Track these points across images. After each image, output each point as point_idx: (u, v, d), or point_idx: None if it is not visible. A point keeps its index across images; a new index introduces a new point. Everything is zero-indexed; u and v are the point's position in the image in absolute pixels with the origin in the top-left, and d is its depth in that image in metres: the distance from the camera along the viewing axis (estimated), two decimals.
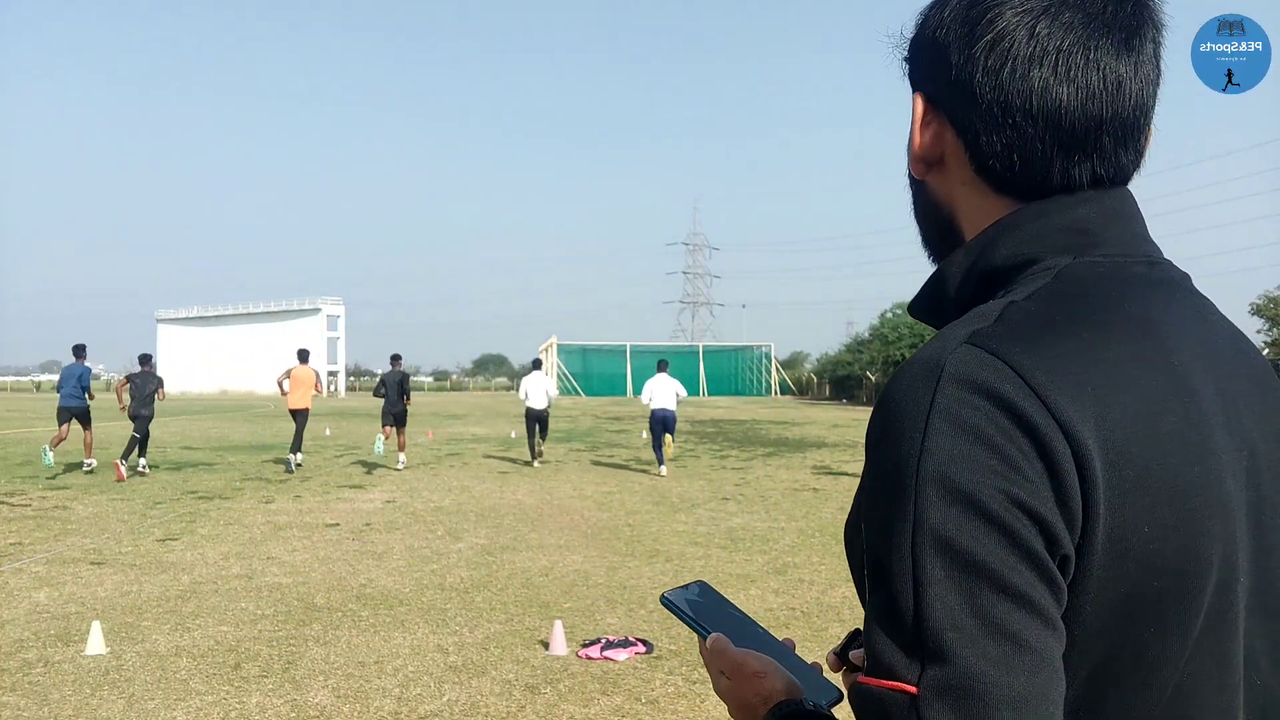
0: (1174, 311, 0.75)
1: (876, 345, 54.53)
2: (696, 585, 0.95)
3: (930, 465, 0.64)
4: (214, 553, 8.22)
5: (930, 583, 0.62)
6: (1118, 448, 0.65)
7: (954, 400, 0.65)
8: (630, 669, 5.10)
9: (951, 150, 0.80)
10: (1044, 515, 0.63)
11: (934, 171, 0.83)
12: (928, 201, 0.86)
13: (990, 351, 0.67)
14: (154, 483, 13.42)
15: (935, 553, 0.62)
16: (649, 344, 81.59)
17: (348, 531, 9.37)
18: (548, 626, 5.68)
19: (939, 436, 0.64)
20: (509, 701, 4.61)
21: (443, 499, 11.84)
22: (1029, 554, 0.62)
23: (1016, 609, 0.61)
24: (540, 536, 9.11)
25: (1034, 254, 0.75)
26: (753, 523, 10.00)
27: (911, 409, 0.66)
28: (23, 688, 4.78)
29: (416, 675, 4.99)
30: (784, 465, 16.48)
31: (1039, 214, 0.76)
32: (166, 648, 5.45)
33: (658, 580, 7.21)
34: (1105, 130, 0.75)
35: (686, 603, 0.91)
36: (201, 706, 4.54)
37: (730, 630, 0.85)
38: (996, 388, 0.65)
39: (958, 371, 0.66)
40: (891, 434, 0.67)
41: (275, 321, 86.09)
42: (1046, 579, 0.63)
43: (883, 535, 0.66)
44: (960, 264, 0.79)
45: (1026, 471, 0.63)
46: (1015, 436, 0.64)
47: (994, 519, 0.62)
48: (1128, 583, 0.65)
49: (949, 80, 0.78)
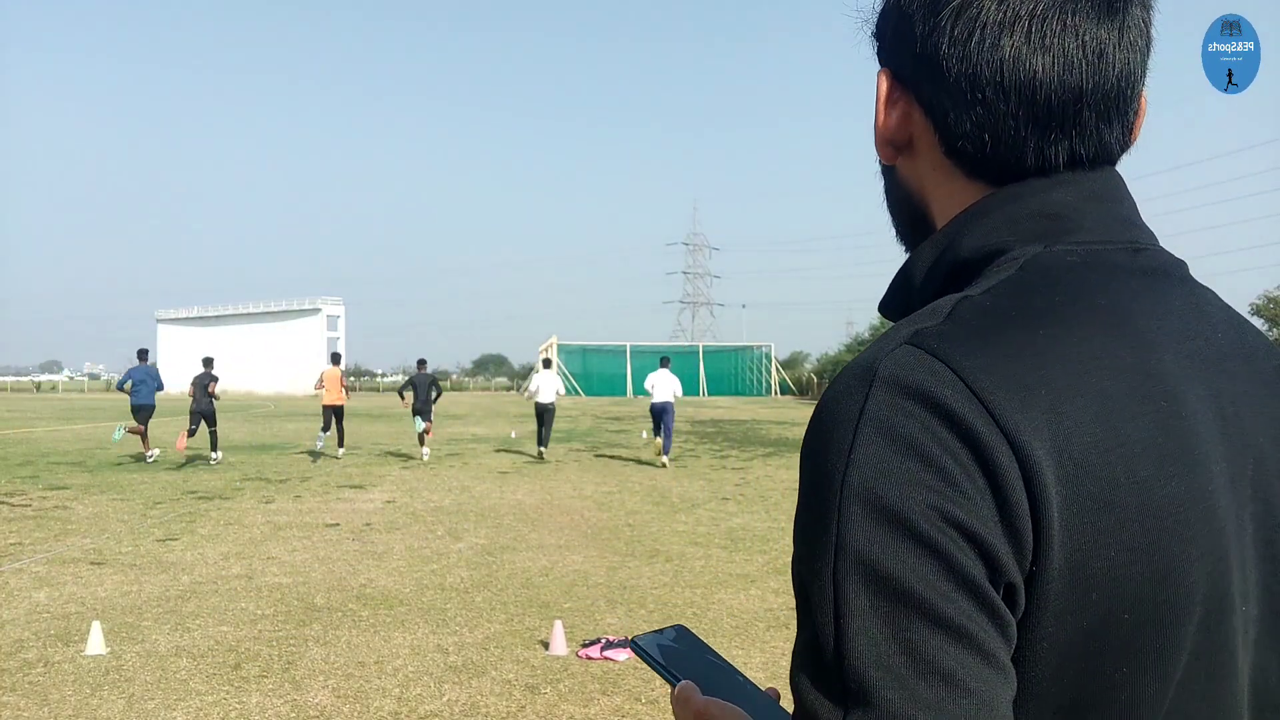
0: (1157, 304, 0.67)
1: None
2: (673, 630, 0.88)
3: (856, 479, 0.56)
4: (214, 553, 8.22)
5: (853, 614, 0.55)
6: (1075, 460, 0.57)
7: (886, 406, 0.58)
8: (630, 669, 5.10)
9: (920, 131, 0.73)
10: (985, 537, 0.55)
11: (903, 156, 0.76)
12: (898, 189, 0.79)
13: (930, 352, 0.60)
14: (154, 483, 13.42)
15: (859, 579, 0.55)
16: (649, 344, 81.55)
17: (348, 531, 9.38)
18: (548, 626, 5.68)
19: (867, 447, 0.57)
20: (509, 701, 4.61)
21: (443, 499, 11.85)
22: (966, 581, 0.54)
23: (952, 644, 0.53)
24: (540, 536, 9.11)
25: (1002, 244, 0.68)
26: (753, 523, 10.00)
27: (842, 416, 0.59)
28: (23, 688, 4.78)
29: (416, 675, 4.99)
30: (784, 465, 16.47)
31: (1009, 199, 0.69)
32: (166, 648, 5.45)
33: (658, 580, 7.21)
34: (1085, 104, 0.67)
35: (659, 648, 0.84)
36: (201, 706, 4.54)
37: (704, 678, 0.79)
38: (933, 392, 0.58)
39: (892, 374, 0.59)
40: (819, 444, 0.60)
41: (275, 321, 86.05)
42: (988, 610, 0.55)
43: (806, 559, 0.59)
44: (927, 257, 0.73)
45: (965, 487, 0.55)
46: (953, 447, 0.56)
47: (925, 541, 0.54)
48: (1092, 615, 0.57)
49: (914, 53, 0.71)
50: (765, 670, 5.08)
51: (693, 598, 6.66)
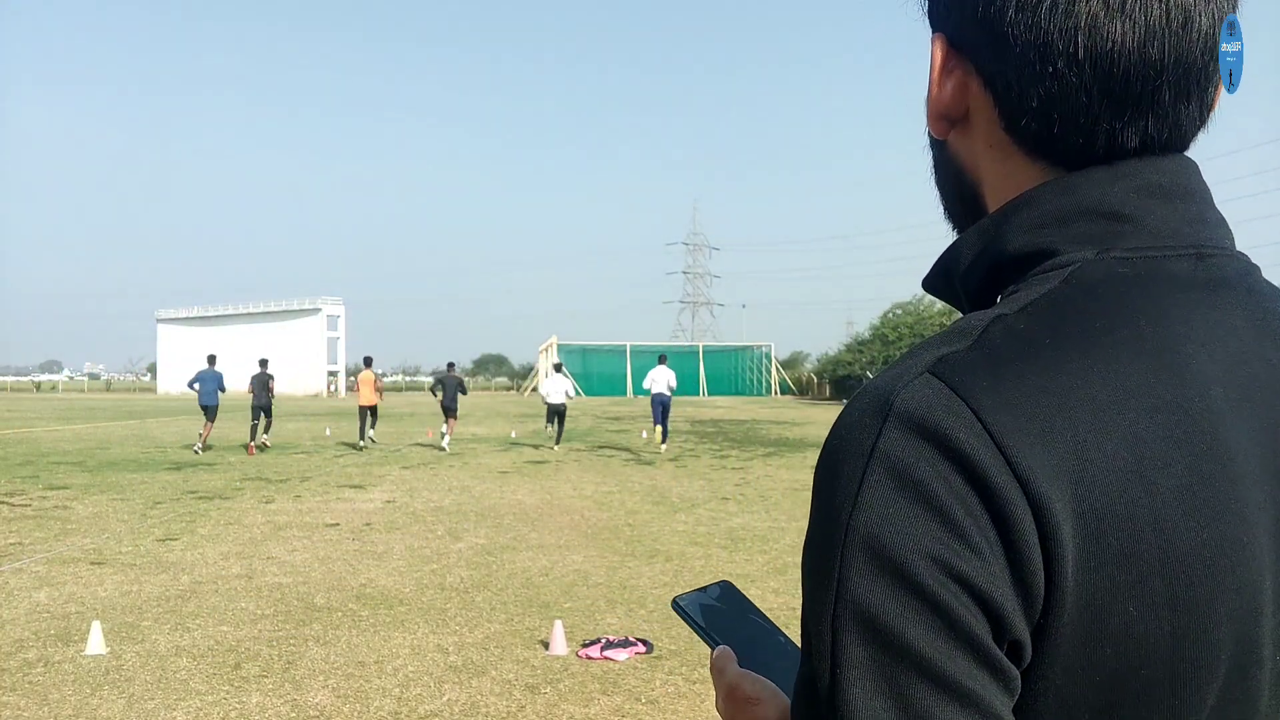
0: (1213, 324, 0.60)
1: (876, 345, 54.61)
2: (718, 587, 0.84)
3: (860, 523, 0.54)
4: (214, 553, 8.22)
5: (849, 664, 0.53)
6: (1097, 510, 0.53)
7: (897, 446, 0.54)
8: (630, 669, 5.10)
9: (978, 104, 0.67)
10: (991, 595, 0.52)
11: (956, 130, 0.69)
12: (949, 165, 0.72)
13: (950, 385, 0.55)
14: (154, 483, 13.42)
15: (856, 630, 0.53)
16: (649, 344, 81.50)
17: (348, 531, 9.38)
18: (548, 626, 5.68)
19: (875, 490, 0.54)
20: (509, 701, 4.61)
21: (443, 499, 11.85)
22: (967, 639, 0.52)
23: (948, 702, 0.51)
24: (540, 536, 9.12)
25: (1050, 245, 0.62)
26: (753, 523, 10.00)
27: (852, 450, 0.56)
28: (23, 688, 4.78)
29: (416, 675, 4.99)
30: (784, 465, 16.48)
31: (1063, 191, 0.63)
32: (166, 648, 5.45)
33: (658, 580, 7.21)
34: (1165, 79, 0.61)
35: (700, 608, 0.81)
36: (201, 706, 4.54)
37: (745, 641, 0.76)
38: (947, 434, 0.54)
39: (906, 410, 0.55)
40: (828, 476, 0.57)
41: (275, 321, 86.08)
42: (990, 667, 0.52)
43: (809, 596, 0.56)
44: (972, 244, 0.67)
45: (976, 541, 0.52)
46: (964, 495, 0.53)
47: (926, 596, 0.52)
48: (1106, 671, 0.54)
49: (974, 18, 0.64)
50: None
51: None
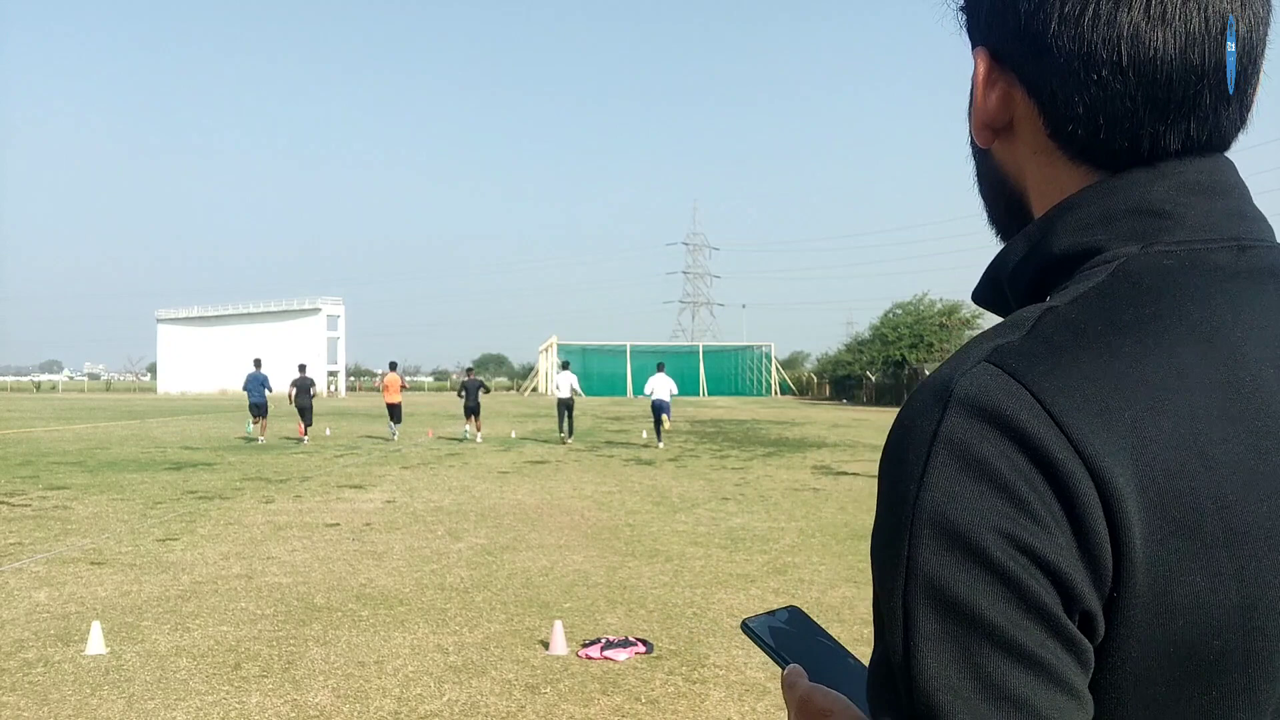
0: (1260, 310, 0.63)
1: (876, 345, 54.59)
2: (786, 611, 0.88)
3: (928, 503, 0.56)
4: (214, 553, 8.22)
5: (923, 637, 0.55)
6: (1159, 485, 0.55)
7: (960, 429, 0.57)
8: (630, 669, 5.10)
9: (1022, 113, 0.69)
10: (1060, 566, 0.54)
11: (1000, 139, 0.72)
12: (994, 173, 0.75)
13: (1009, 372, 0.58)
14: (154, 483, 13.42)
15: (929, 603, 0.55)
16: (649, 344, 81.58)
17: (348, 531, 9.38)
18: (548, 626, 5.68)
19: (940, 471, 0.56)
20: (509, 701, 4.61)
21: (443, 499, 11.85)
22: (1038, 609, 0.54)
23: (1022, 670, 0.53)
24: (540, 536, 9.12)
25: (1096, 243, 0.65)
26: (753, 523, 10.00)
27: (916, 436, 0.59)
28: (23, 688, 4.78)
29: (416, 675, 4.99)
30: (784, 465, 16.48)
31: (1106, 193, 0.66)
32: (166, 648, 5.45)
33: (657, 580, 7.21)
34: (1205, 83, 0.63)
35: (769, 630, 0.85)
36: (201, 706, 4.54)
37: (817, 662, 0.79)
38: (1010, 416, 0.56)
39: (967, 395, 0.57)
40: (893, 463, 0.60)
41: (275, 321, 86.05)
42: (1062, 637, 0.54)
43: (880, 577, 0.59)
44: (1019, 249, 0.70)
45: (1041, 516, 0.55)
46: (1029, 474, 0.55)
47: (996, 568, 0.54)
48: (1177, 642, 0.56)
49: (1017, 31, 0.67)
50: (765, 670, 5.08)
51: (693, 598, 6.67)
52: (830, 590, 6.90)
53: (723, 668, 5.12)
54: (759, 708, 4.53)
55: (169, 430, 26.39)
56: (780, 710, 4.50)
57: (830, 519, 10.28)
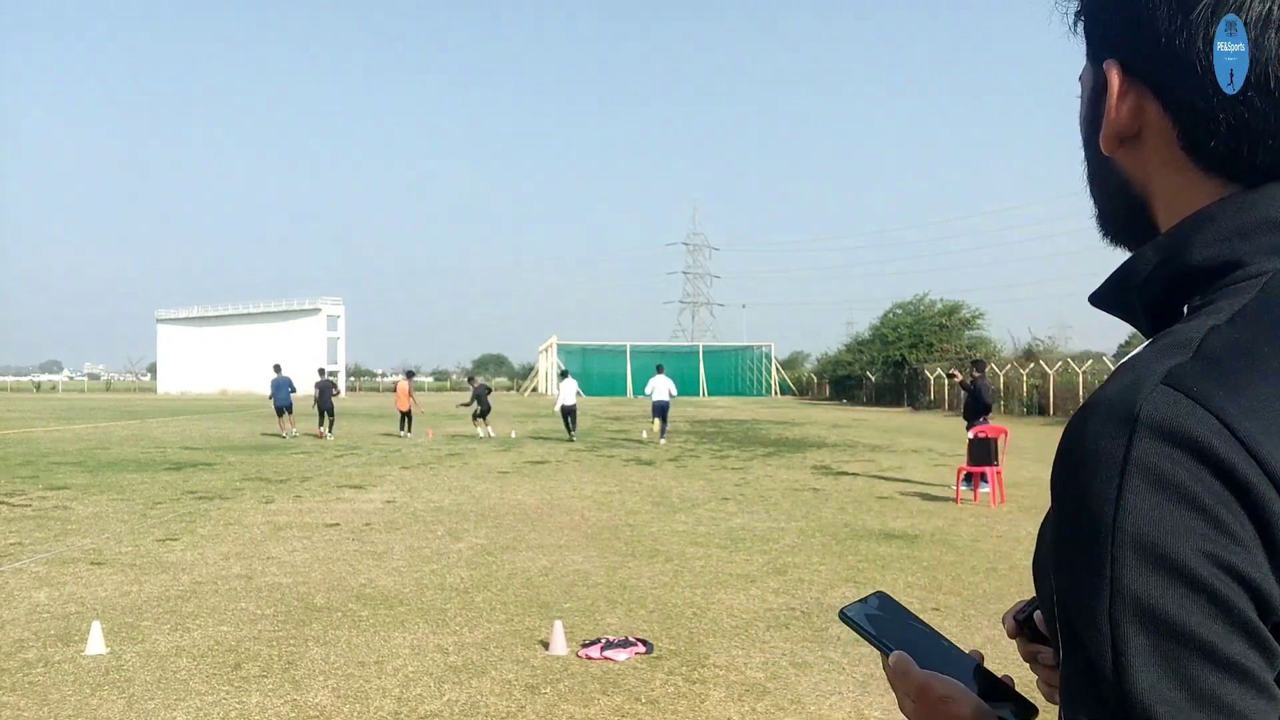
0: None
1: (876, 345, 54.58)
2: (876, 597, 0.90)
3: (1129, 526, 0.59)
4: (214, 553, 8.22)
5: (1133, 652, 0.58)
6: None
7: (1152, 454, 0.59)
8: (630, 669, 5.10)
9: (1154, 125, 0.70)
10: (1258, 582, 0.58)
11: (1125, 146, 0.73)
12: (1115, 179, 0.76)
13: (1191, 396, 0.60)
14: (154, 483, 13.42)
15: (1137, 621, 0.58)
16: (649, 344, 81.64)
17: (348, 531, 9.38)
18: (548, 626, 5.68)
19: (1137, 495, 0.59)
20: (509, 701, 4.61)
21: (443, 499, 11.85)
22: (1241, 623, 0.57)
23: (1228, 680, 0.57)
24: (540, 536, 9.12)
25: (1236, 257, 0.66)
26: (753, 523, 10.00)
27: (1105, 460, 0.60)
28: (23, 688, 4.78)
29: (416, 675, 4.99)
30: (784, 465, 16.48)
31: (1244, 206, 0.67)
32: (166, 648, 5.45)
33: (657, 580, 7.21)
34: None
35: (866, 618, 0.87)
36: (201, 706, 4.54)
37: (915, 646, 0.82)
38: (1200, 441, 0.58)
39: (1155, 420, 0.59)
40: (1081, 485, 0.62)
41: (275, 321, 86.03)
42: (1262, 647, 0.58)
43: (1076, 596, 0.62)
44: (1149, 259, 0.71)
45: (1238, 534, 0.58)
46: (1223, 496, 0.58)
47: (1202, 586, 0.57)
48: None
49: (1156, 48, 0.68)
50: (765, 670, 5.08)
51: (693, 598, 6.66)
52: (830, 590, 6.89)
53: (723, 668, 5.12)
54: (759, 708, 4.53)
55: (169, 430, 26.39)
56: (781, 711, 4.50)
57: (830, 519, 10.28)
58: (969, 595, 6.79)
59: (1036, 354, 40.37)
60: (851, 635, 4.94)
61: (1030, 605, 0.88)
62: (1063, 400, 34.03)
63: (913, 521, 10.17)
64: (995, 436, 11.84)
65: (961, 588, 7.02)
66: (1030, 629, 0.88)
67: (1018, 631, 0.89)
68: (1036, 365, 37.14)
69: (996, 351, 46.11)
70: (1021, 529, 9.66)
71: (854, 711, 4.49)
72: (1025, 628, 0.89)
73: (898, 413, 43.23)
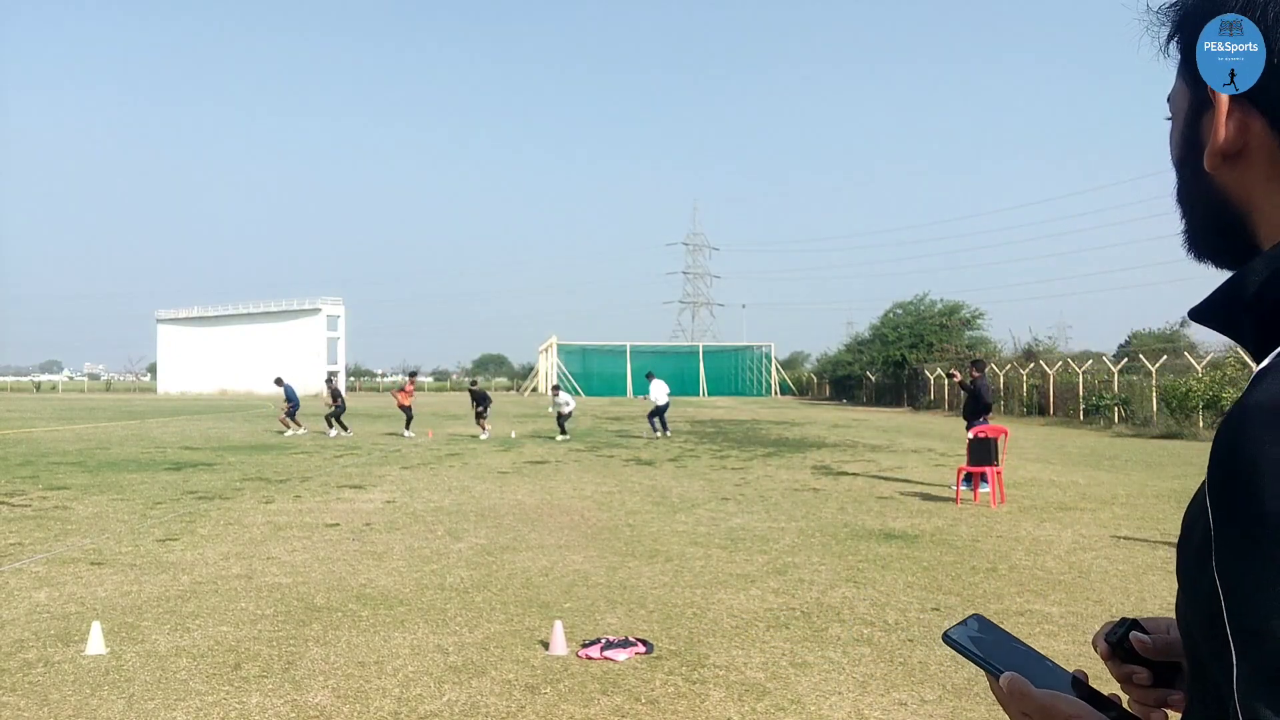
0: None
1: (876, 345, 54.58)
2: (975, 620, 0.92)
3: None
4: (214, 553, 8.23)
5: None
6: None
7: None
8: (630, 669, 5.10)
9: (1258, 142, 0.73)
10: None
11: (1228, 164, 0.75)
12: (1213, 196, 0.78)
13: None
14: (154, 483, 13.42)
15: None
16: (649, 344, 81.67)
17: (348, 531, 9.38)
18: (548, 626, 5.68)
19: None
20: (509, 701, 4.61)
21: (443, 499, 11.85)
22: None
23: None
24: (540, 536, 9.12)
25: None
26: (753, 523, 10.00)
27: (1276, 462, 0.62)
28: (23, 688, 4.78)
29: (416, 675, 4.99)
30: (784, 465, 16.48)
31: None
32: (166, 648, 5.45)
33: (657, 580, 7.21)
34: None
35: (970, 640, 0.88)
36: (201, 706, 4.54)
37: (1022, 667, 0.83)
38: None
39: None
40: (1252, 488, 0.63)
41: (275, 321, 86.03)
42: None
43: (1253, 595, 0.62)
44: (1260, 273, 0.73)
45: None
46: None
47: None
48: None
49: (1267, 69, 0.71)
50: (765, 670, 5.08)
51: (693, 598, 6.66)
52: (830, 590, 6.89)
53: (723, 668, 5.12)
54: (759, 708, 4.53)
55: (169, 430, 26.39)
56: (781, 711, 4.50)
57: (830, 519, 10.28)
58: (969, 595, 6.79)
59: (1036, 354, 40.36)
60: (851, 635, 4.91)
61: (1121, 626, 0.89)
62: (1063, 400, 34.01)
63: (913, 521, 10.17)
64: (995, 436, 11.85)
65: (961, 588, 7.02)
66: (1124, 650, 0.88)
67: (1111, 654, 0.89)
68: (1036, 365, 37.13)
69: (996, 351, 46.12)
70: (1021, 529, 9.66)
71: (854, 711, 4.49)
72: (1119, 649, 0.88)
73: (898, 413, 43.22)
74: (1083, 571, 7.59)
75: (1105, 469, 16.27)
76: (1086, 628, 5.83)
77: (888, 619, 6.11)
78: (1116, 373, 31.18)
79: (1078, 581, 7.21)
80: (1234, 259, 0.76)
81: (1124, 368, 31.98)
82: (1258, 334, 0.73)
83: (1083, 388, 32.79)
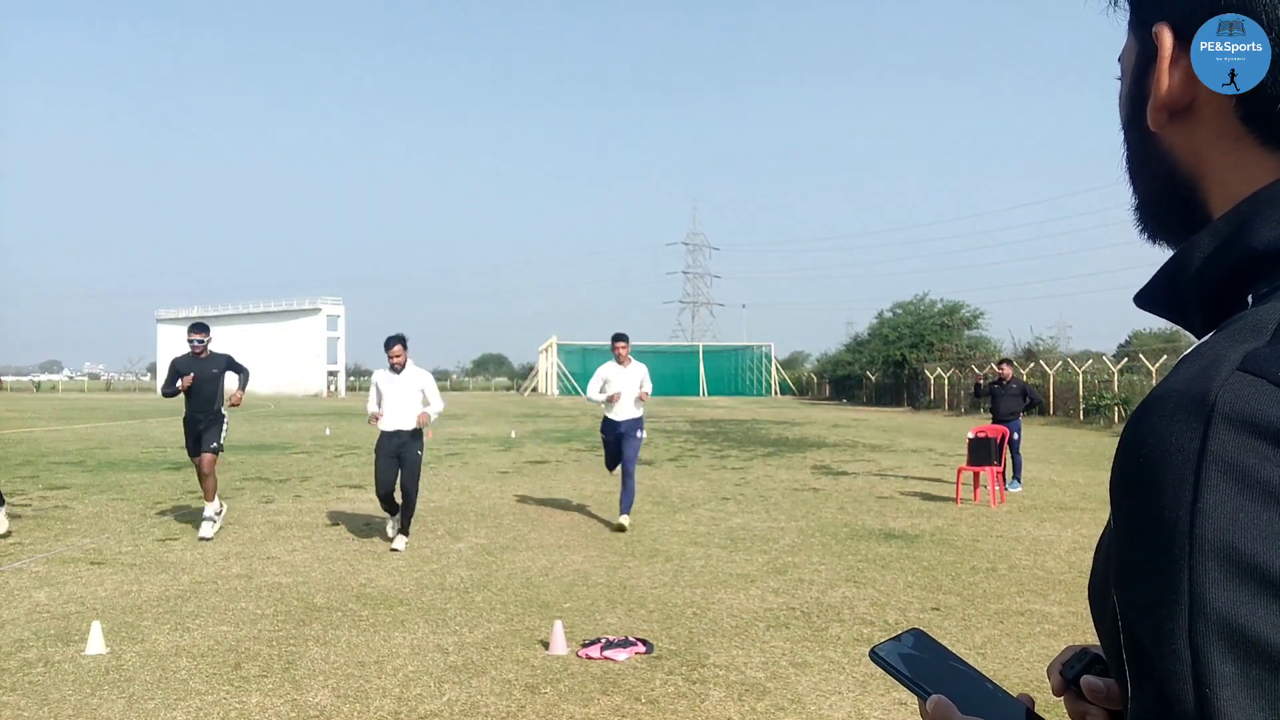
0: None
1: (876, 345, 54.58)
2: (911, 635, 0.84)
3: (1209, 532, 0.50)
4: (214, 553, 8.22)
5: (1220, 683, 0.49)
6: None
7: (1233, 447, 0.51)
8: (630, 669, 5.10)
9: (1208, 95, 0.63)
10: None
11: (1174, 122, 0.66)
12: (1160, 160, 0.69)
13: (1274, 382, 0.52)
14: (154, 483, 13.42)
15: (1223, 644, 0.49)
16: (649, 344, 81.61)
17: (348, 531, 9.38)
18: (548, 626, 5.68)
19: (1217, 495, 0.50)
20: (509, 701, 4.61)
21: (443, 499, 11.84)
22: None
23: None
24: (540, 536, 9.12)
25: None
26: (753, 523, 10.00)
27: (1175, 456, 0.53)
28: (23, 688, 4.78)
29: (416, 675, 4.99)
30: (784, 465, 16.48)
31: None
32: (166, 648, 5.45)
33: (657, 580, 7.21)
34: None
35: (900, 658, 0.80)
36: (201, 706, 4.54)
37: (955, 689, 0.76)
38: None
39: (1234, 410, 0.52)
40: (1149, 486, 0.54)
41: (275, 321, 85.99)
42: None
43: (1145, 615, 0.53)
44: (1204, 247, 0.63)
45: None
46: None
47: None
48: None
49: (1210, 5, 0.62)
50: (765, 670, 5.08)
51: (693, 598, 6.66)
52: (830, 590, 6.89)
53: (723, 668, 5.12)
54: (759, 708, 4.53)
55: (169, 430, 26.37)
56: (781, 710, 4.50)
57: (830, 519, 10.28)
58: (969, 595, 6.79)
59: (1036, 354, 40.37)
60: (851, 635, 4.92)
61: (1078, 660, 0.79)
62: (1063, 400, 34.00)
63: (913, 521, 10.17)
64: (995, 436, 11.86)
65: (961, 588, 7.02)
66: (1078, 689, 0.78)
67: (1065, 688, 0.78)
68: (1036, 365, 37.13)
69: (996, 351, 46.12)
70: (1021, 529, 9.66)
71: (854, 711, 4.49)
72: (1073, 685, 0.78)
73: (898, 413, 43.22)
74: (1083, 571, 7.58)
75: (1105, 469, 16.21)
76: (1087, 628, 5.82)
77: (888, 619, 6.11)
78: (1117, 372, 31.19)
79: (1078, 581, 7.21)
80: (1186, 237, 0.66)
81: (1124, 367, 32.01)
82: (1204, 315, 0.65)
83: (1083, 387, 32.79)
